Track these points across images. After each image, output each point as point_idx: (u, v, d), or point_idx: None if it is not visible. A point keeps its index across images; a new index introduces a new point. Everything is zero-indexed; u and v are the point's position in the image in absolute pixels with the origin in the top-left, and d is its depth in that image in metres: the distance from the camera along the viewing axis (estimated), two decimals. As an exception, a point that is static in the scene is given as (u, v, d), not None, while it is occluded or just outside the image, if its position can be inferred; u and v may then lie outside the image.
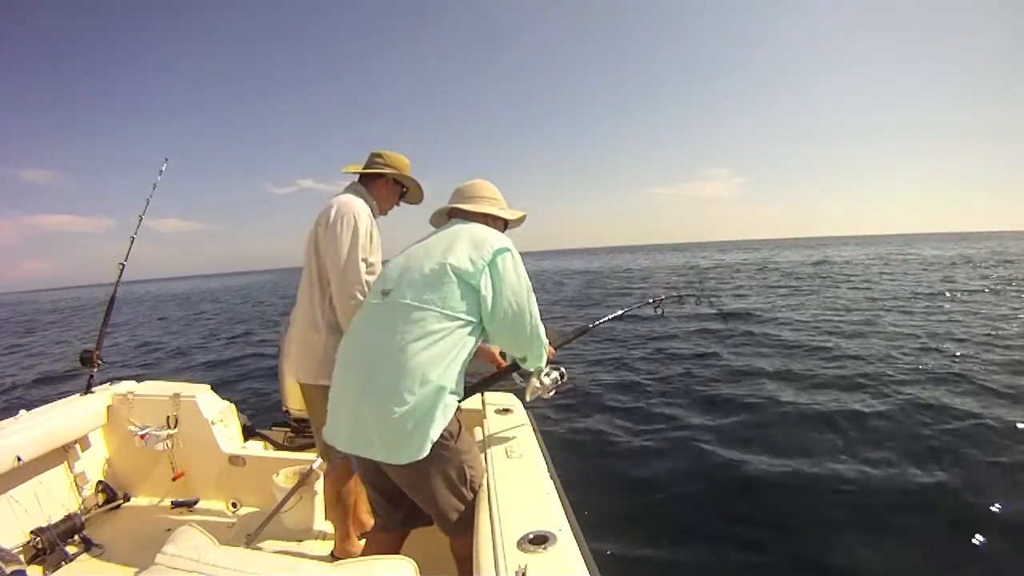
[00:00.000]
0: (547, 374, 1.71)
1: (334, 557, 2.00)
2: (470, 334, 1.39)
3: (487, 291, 1.37)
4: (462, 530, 1.39)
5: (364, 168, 1.94)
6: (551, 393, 1.75)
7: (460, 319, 1.35)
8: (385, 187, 1.95)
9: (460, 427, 1.45)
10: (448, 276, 1.36)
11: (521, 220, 1.75)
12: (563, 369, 1.78)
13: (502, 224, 1.68)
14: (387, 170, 1.92)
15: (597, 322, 2.20)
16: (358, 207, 1.79)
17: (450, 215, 1.66)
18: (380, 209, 1.96)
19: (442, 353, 1.32)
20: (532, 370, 1.64)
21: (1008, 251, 31.45)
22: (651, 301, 2.59)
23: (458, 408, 1.40)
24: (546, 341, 1.56)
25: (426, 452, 1.29)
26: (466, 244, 1.42)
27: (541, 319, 1.51)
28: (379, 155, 1.94)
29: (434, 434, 1.30)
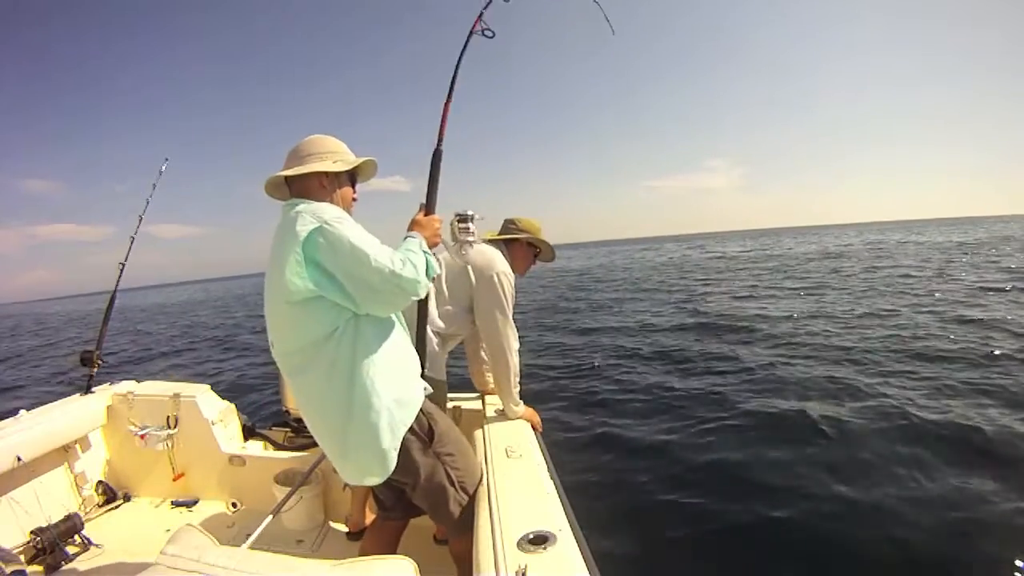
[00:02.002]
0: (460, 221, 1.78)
1: (349, 534, 2.14)
2: (355, 331, 1.24)
3: (325, 287, 1.19)
4: (460, 531, 1.39)
5: (500, 234, 2.09)
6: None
7: (332, 332, 1.23)
8: (521, 249, 2.09)
9: (435, 428, 1.40)
10: (283, 312, 1.23)
11: (368, 167, 1.47)
12: (467, 211, 1.77)
13: (343, 179, 1.40)
14: (521, 235, 2.06)
15: None
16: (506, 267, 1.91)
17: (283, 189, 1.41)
18: (516, 269, 2.06)
19: (343, 373, 1.23)
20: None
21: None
22: None
23: (424, 409, 1.38)
24: (411, 269, 1.25)
25: (391, 464, 1.29)
26: (285, 252, 1.20)
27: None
28: (513, 221, 2.09)
29: (388, 445, 1.27)
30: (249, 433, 2.75)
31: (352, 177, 1.44)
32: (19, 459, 2.04)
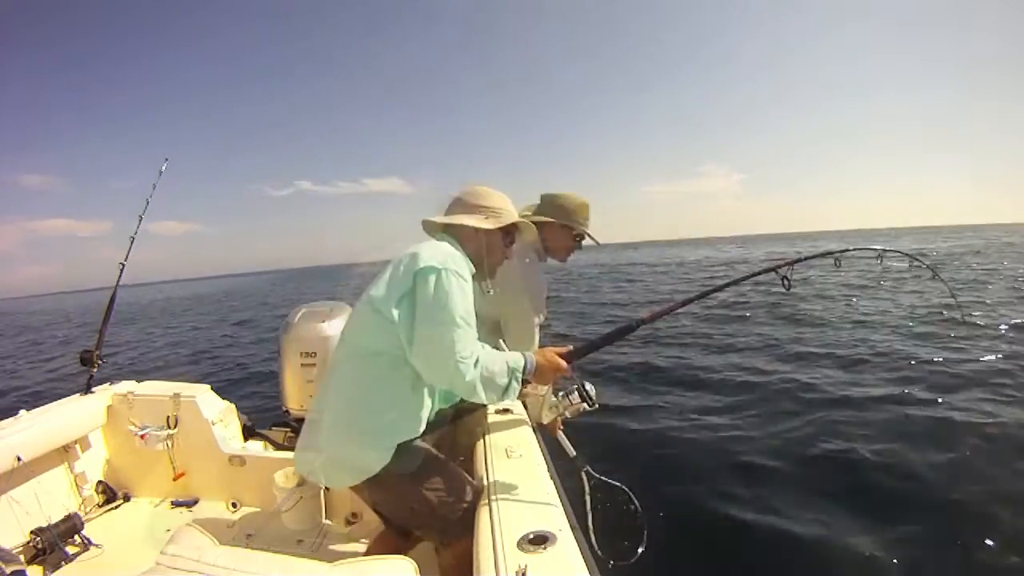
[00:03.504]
0: (564, 395, 1.54)
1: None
2: (397, 365, 1.30)
3: (399, 318, 1.24)
4: (446, 545, 1.41)
5: (534, 214, 1.86)
6: (566, 415, 1.57)
7: (383, 353, 1.29)
8: (555, 232, 1.89)
9: (424, 469, 1.40)
10: (366, 312, 1.30)
11: (525, 229, 1.52)
12: (585, 387, 1.50)
13: (494, 233, 1.45)
14: (547, 220, 1.85)
15: (648, 317, 1.60)
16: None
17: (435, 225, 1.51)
18: (553, 254, 1.92)
19: (366, 389, 1.31)
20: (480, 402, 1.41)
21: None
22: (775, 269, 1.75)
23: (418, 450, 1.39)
24: (475, 375, 1.24)
25: (360, 477, 1.34)
26: (403, 267, 1.28)
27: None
28: (546, 199, 1.89)
29: (364, 464, 1.32)
30: (249, 433, 2.75)
31: (507, 236, 1.50)
32: (19, 459, 2.04)
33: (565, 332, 8.86)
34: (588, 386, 1.51)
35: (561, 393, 1.56)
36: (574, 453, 1.88)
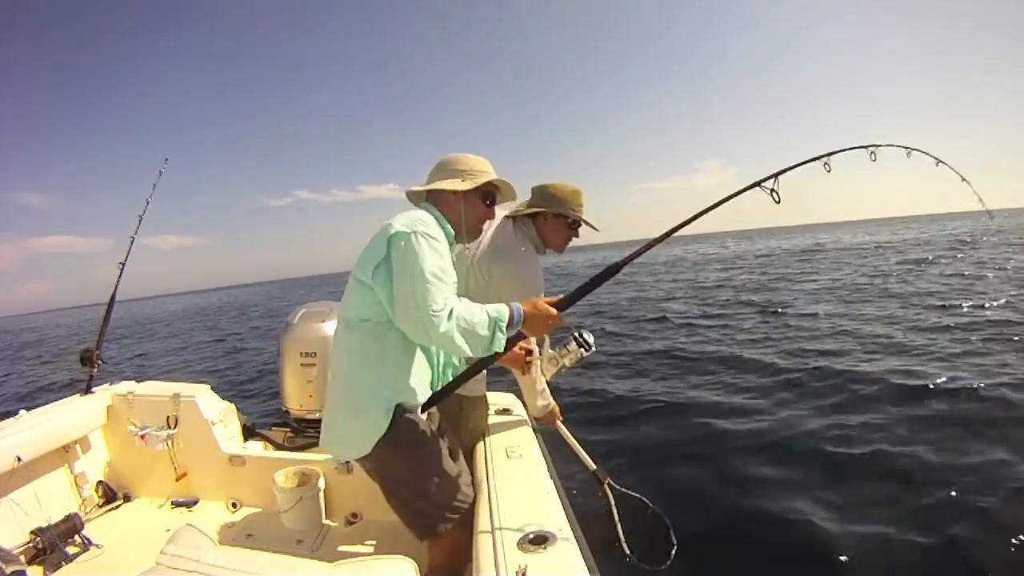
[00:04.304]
0: (561, 345, 1.55)
1: None
2: (385, 332, 1.34)
3: (378, 284, 1.31)
4: (425, 538, 1.44)
5: (528, 207, 1.85)
6: (566, 364, 1.58)
7: (368, 319, 1.35)
8: (549, 223, 1.85)
9: (415, 448, 1.40)
10: (350, 284, 1.38)
11: (505, 189, 1.53)
12: (582, 335, 1.50)
13: (472, 196, 1.48)
14: (540, 209, 1.81)
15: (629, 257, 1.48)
16: None
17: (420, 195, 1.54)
18: (551, 245, 1.88)
19: (358, 355, 1.37)
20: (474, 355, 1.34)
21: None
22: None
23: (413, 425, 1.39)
24: (450, 326, 1.21)
25: (363, 449, 1.36)
26: (379, 235, 1.34)
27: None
28: (536, 191, 1.87)
29: (362, 433, 1.35)
30: (249, 433, 2.75)
31: (487, 196, 1.51)
32: (19, 459, 2.04)
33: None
34: (584, 333, 1.50)
35: (559, 345, 1.55)
36: (594, 466, 1.88)
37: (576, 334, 1.50)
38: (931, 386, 4.38)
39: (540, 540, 1.10)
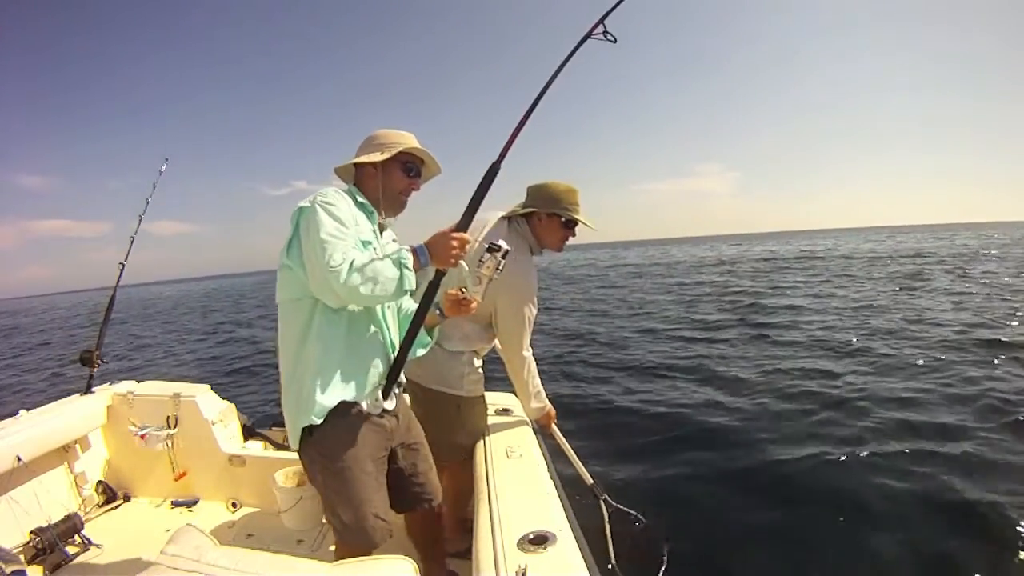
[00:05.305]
0: (477, 262, 1.45)
1: None
2: (312, 308, 1.34)
3: (293, 261, 1.32)
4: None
5: (523, 208, 1.84)
6: (487, 276, 1.45)
7: (298, 299, 1.35)
8: (544, 223, 1.85)
9: (333, 455, 1.36)
10: (281, 266, 1.38)
11: (428, 162, 1.51)
12: (492, 243, 1.42)
13: (390, 167, 1.46)
14: (534, 209, 1.81)
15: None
16: None
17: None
18: (547, 245, 1.88)
19: (294, 338, 1.36)
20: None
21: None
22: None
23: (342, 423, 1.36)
24: (350, 277, 1.21)
25: (296, 442, 1.38)
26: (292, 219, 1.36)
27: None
28: (531, 191, 1.85)
29: (297, 423, 1.36)
30: (249, 433, 2.75)
31: (409, 169, 1.50)
32: (19, 459, 2.04)
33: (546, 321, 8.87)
34: (498, 241, 1.42)
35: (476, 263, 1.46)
36: (591, 480, 1.86)
37: (487, 244, 1.44)
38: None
39: (540, 540, 1.10)
